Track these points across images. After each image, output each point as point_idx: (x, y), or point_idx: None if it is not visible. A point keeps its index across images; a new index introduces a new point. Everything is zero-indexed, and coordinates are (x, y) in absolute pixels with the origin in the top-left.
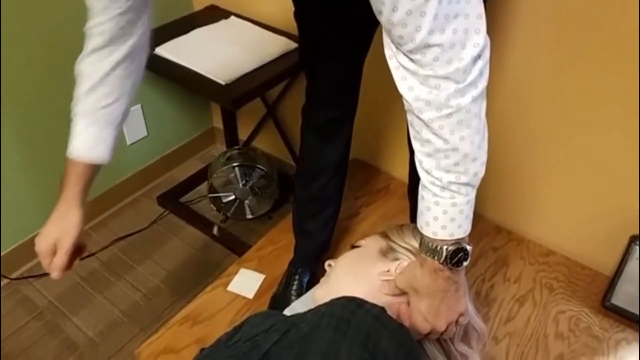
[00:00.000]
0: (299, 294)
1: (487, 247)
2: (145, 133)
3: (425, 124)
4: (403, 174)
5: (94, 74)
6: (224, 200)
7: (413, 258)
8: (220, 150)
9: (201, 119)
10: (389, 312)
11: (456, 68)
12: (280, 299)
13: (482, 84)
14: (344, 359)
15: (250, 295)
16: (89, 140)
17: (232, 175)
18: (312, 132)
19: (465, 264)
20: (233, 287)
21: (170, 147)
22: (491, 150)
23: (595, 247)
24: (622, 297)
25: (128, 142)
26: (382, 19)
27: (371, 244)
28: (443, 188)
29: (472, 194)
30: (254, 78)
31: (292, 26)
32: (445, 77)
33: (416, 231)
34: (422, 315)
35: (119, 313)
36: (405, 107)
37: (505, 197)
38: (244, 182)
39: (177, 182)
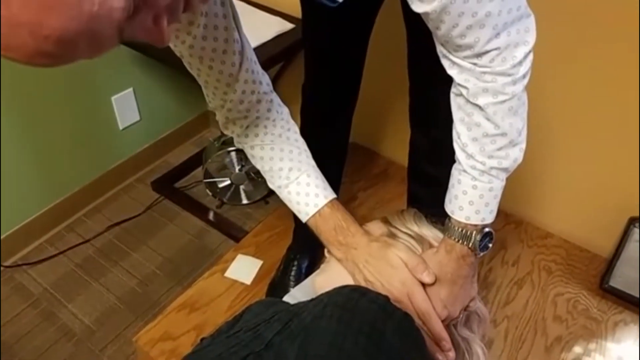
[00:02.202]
0: (298, 279)
1: None
2: (137, 117)
3: (481, 108)
4: (401, 158)
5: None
6: (220, 186)
7: (414, 244)
8: (215, 134)
9: (195, 102)
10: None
11: (510, 65)
12: (279, 285)
13: (529, 75)
14: (348, 349)
15: (248, 282)
16: (317, 185)
17: (228, 160)
18: (313, 113)
19: (490, 246)
20: (230, 273)
21: (164, 131)
22: None
23: (593, 229)
24: (620, 279)
25: (120, 127)
26: (439, 33)
27: (372, 230)
28: (483, 172)
29: (505, 180)
30: None
31: (287, 6)
32: (501, 73)
33: (417, 217)
34: (442, 302)
35: (115, 300)
36: (455, 92)
37: None
38: (239, 166)
39: (171, 167)
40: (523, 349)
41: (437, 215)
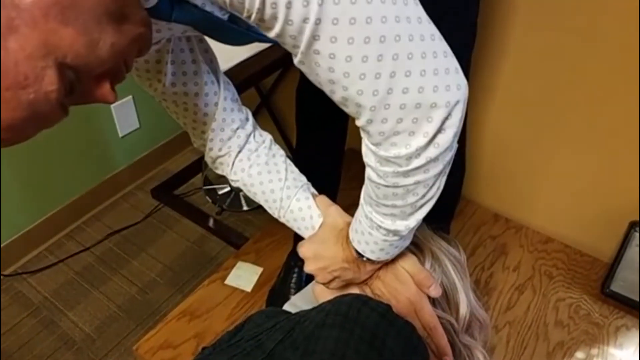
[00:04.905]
0: (298, 286)
1: (486, 236)
2: (137, 125)
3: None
4: None
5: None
6: (219, 192)
7: (414, 250)
8: None
9: None
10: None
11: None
12: (279, 292)
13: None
14: (350, 358)
15: (248, 289)
16: (309, 206)
17: None
18: (307, 118)
19: None
20: (230, 280)
21: (163, 138)
22: (488, 138)
23: (594, 234)
24: (622, 283)
25: (120, 135)
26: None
27: None
28: (365, 215)
29: (391, 237)
30: (247, 67)
31: None
32: (386, 159)
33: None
34: (311, 251)
35: (115, 308)
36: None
37: (503, 184)
38: None
39: (171, 174)
40: (525, 354)
41: (435, 222)
